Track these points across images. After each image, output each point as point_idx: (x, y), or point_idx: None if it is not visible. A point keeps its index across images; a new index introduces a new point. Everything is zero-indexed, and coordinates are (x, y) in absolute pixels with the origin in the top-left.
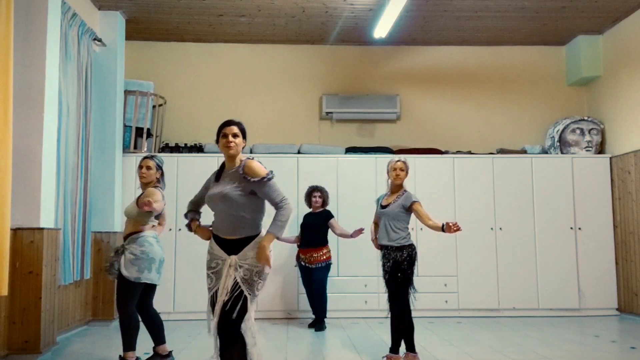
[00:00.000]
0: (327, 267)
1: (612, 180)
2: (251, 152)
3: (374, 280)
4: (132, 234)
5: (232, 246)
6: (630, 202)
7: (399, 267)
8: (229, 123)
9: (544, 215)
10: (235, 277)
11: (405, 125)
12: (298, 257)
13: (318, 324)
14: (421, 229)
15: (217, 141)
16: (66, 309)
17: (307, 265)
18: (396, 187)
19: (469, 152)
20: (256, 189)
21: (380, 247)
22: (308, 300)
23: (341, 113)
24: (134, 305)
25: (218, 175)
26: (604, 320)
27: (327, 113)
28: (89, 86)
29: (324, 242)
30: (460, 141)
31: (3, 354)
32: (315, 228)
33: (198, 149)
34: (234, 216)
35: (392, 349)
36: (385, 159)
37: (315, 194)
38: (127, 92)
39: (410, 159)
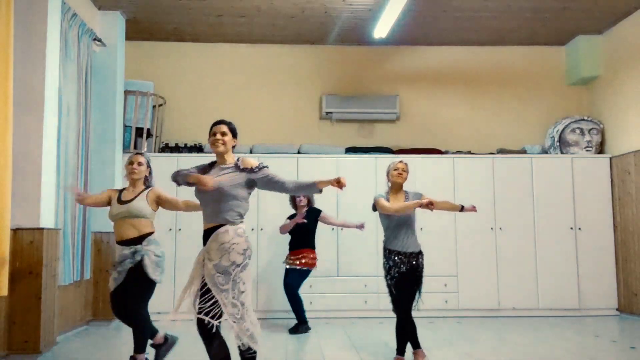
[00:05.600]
0: (309, 272)
1: (612, 180)
2: (251, 152)
3: (374, 280)
4: (149, 234)
5: (207, 236)
6: (630, 202)
7: (422, 271)
8: (218, 122)
9: (544, 215)
10: (203, 277)
11: (405, 125)
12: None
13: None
14: (421, 229)
15: (209, 139)
16: (66, 309)
17: (292, 267)
18: (397, 188)
19: (469, 152)
20: (256, 177)
21: (392, 252)
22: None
23: (341, 113)
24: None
25: (208, 169)
26: (604, 320)
27: (327, 113)
28: (89, 86)
29: (314, 245)
30: (460, 141)
31: (3, 354)
32: (307, 228)
33: (198, 149)
34: (220, 204)
35: (402, 350)
36: (385, 159)
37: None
38: (127, 92)
39: (410, 159)
